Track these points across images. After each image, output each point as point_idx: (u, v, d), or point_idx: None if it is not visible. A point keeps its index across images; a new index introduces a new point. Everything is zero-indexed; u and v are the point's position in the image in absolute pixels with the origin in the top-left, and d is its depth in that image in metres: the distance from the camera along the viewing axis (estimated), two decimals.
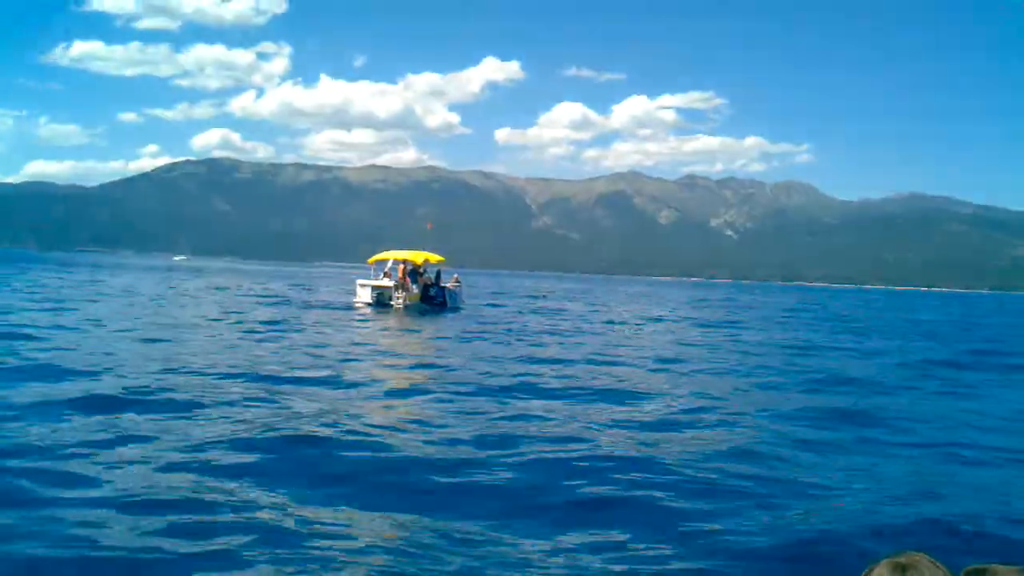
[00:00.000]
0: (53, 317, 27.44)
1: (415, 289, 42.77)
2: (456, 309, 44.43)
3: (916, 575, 2.24)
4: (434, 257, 45.02)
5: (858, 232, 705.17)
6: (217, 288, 60.04)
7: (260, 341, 23.78)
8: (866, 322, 54.76)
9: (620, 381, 18.71)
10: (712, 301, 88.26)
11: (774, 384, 19.55)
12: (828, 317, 58.56)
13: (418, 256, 43.99)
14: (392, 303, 41.87)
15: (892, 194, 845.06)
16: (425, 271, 44.61)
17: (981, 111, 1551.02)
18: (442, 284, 45.28)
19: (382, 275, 44.37)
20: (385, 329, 31.99)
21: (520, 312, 48.24)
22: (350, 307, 43.05)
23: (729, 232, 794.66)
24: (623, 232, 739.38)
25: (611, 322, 43.01)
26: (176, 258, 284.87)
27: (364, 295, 43.69)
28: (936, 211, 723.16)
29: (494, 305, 54.14)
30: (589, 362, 22.37)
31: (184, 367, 17.15)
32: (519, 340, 28.36)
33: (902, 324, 54.11)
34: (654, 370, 21.53)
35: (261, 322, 30.34)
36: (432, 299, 43.79)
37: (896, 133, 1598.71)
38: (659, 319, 48.33)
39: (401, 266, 43.17)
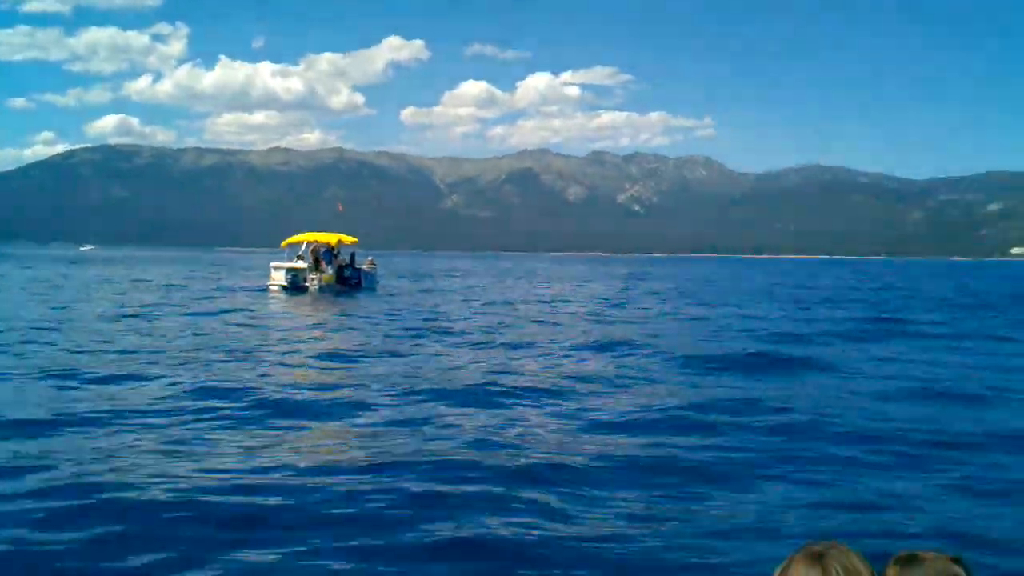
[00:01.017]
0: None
1: (330, 270, 42.94)
2: (372, 290, 44.72)
3: (832, 562, 2.25)
4: (348, 238, 45.06)
5: (761, 204, 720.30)
6: (137, 280, 58.58)
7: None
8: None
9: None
10: (611, 276, 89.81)
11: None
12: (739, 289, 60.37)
13: (332, 238, 44.07)
14: (307, 285, 41.89)
15: (793, 166, 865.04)
16: (339, 252, 44.76)
17: (877, 82, 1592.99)
18: (356, 265, 45.54)
19: (296, 258, 44.16)
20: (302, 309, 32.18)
21: (430, 291, 48.62)
22: (264, 290, 43.00)
23: (636, 207, 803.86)
24: (533, 209, 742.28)
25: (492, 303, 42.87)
26: (83, 248, 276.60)
27: (279, 277, 43.02)
28: (836, 182, 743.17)
29: (425, 289, 54.40)
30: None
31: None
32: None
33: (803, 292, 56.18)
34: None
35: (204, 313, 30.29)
36: (347, 280, 44.03)
37: (795, 106, 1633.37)
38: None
39: (314, 247, 43.27)
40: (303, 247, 44.51)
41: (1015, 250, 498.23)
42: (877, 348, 21.44)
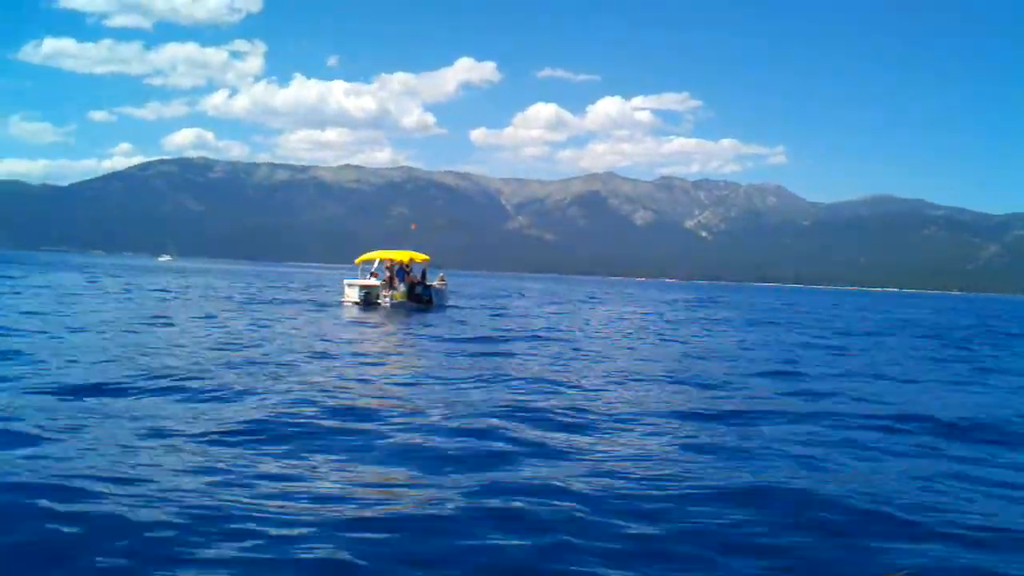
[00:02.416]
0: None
1: (402, 288, 42.92)
2: (442, 307, 44.64)
3: None
4: (420, 256, 45.16)
5: (830, 234, 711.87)
6: (238, 290, 59.39)
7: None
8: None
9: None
10: (686, 302, 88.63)
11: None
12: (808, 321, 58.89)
13: (404, 255, 44.17)
14: (379, 302, 42.07)
15: (864, 196, 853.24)
16: (411, 270, 44.78)
17: (951, 116, 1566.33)
18: (428, 283, 45.48)
19: (369, 275, 44.61)
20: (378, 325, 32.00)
21: (501, 312, 48.20)
22: (339, 305, 43.36)
23: (704, 233, 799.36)
24: (598, 232, 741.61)
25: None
26: (161, 259, 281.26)
27: (352, 294, 43.86)
28: (907, 214, 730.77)
29: (490, 308, 54.12)
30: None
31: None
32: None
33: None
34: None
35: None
36: (419, 297, 43.92)
37: (867, 136, 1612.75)
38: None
39: (388, 265, 43.35)
40: (375, 264, 44.80)
41: None
42: None
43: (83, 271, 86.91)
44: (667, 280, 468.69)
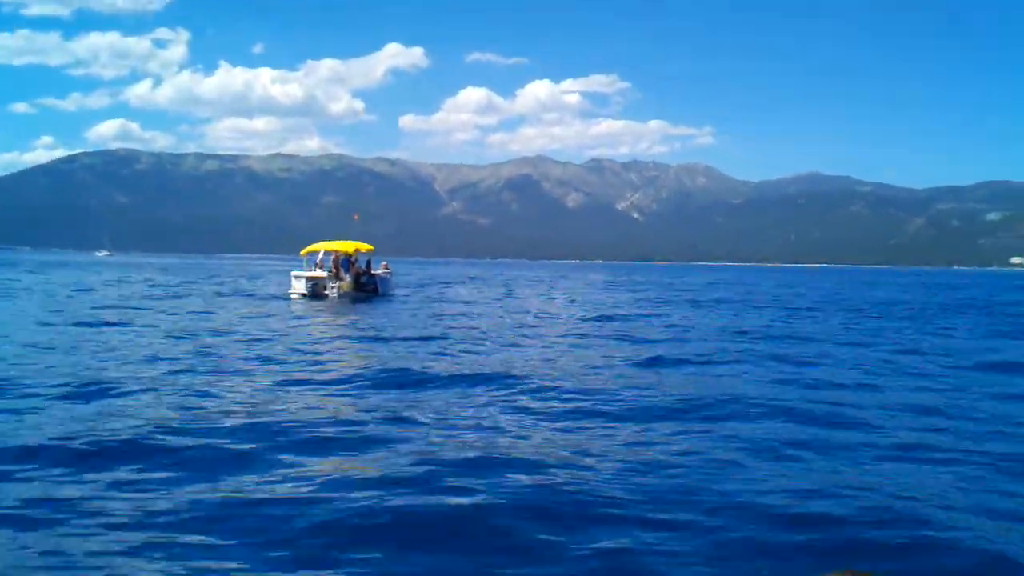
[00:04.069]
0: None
1: (348, 278, 43.43)
2: (387, 295, 45.29)
3: None
4: (364, 246, 45.59)
5: (761, 212, 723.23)
6: (183, 283, 59.15)
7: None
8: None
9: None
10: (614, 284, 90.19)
11: None
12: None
13: (349, 246, 44.61)
14: (326, 293, 42.54)
15: (792, 174, 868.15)
16: (356, 260, 45.28)
17: (877, 91, 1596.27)
18: (373, 272, 46.04)
19: (315, 266, 44.99)
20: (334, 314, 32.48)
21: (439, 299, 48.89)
22: (287, 298, 43.63)
23: (635, 214, 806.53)
24: (532, 216, 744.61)
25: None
26: (99, 253, 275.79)
27: (299, 286, 44.23)
28: (835, 190, 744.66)
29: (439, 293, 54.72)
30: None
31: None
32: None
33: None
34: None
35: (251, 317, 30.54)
36: (364, 287, 44.49)
37: (794, 114, 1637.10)
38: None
39: (333, 256, 43.79)
40: (320, 255, 45.18)
41: (1015, 260, 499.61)
42: None
43: (37, 271, 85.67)
44: (597, 262, 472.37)
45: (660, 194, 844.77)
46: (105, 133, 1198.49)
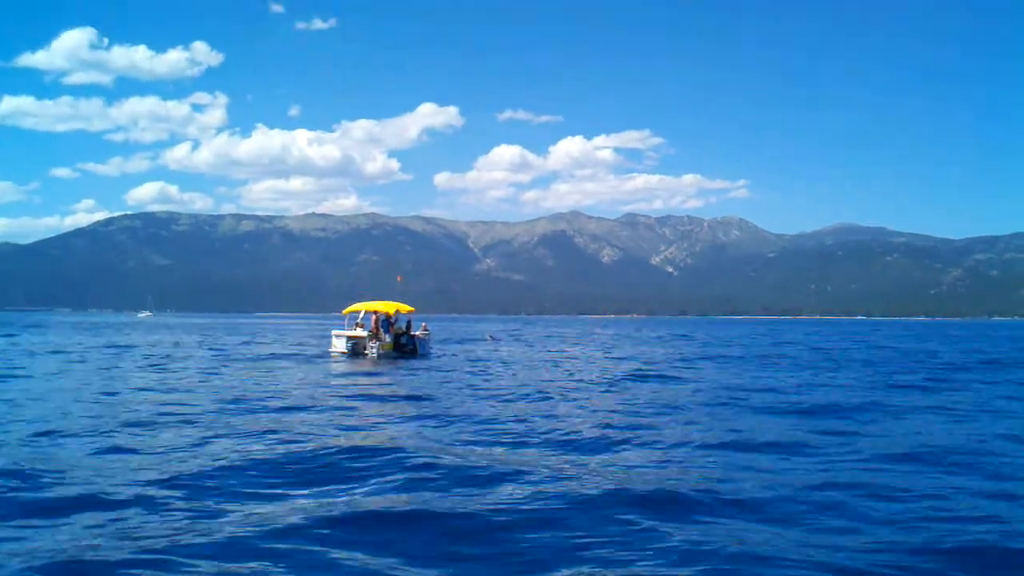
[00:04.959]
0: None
1: (387, 338, 44.18)
2: (426, 356, 45.98)
3: None
4: (404, 307, 46.40)
5: (796, 264, 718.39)
6: (244, 343, 60.30)
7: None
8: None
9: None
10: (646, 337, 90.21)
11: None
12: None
13: (390, 307, 45.47)
14: (366, 352, 43.26)
15: (827, 226, 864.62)
16: (396, 320, 46.08)
17: (910, 143, 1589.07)
18: (412, 333, 46.78)
19: (355, 325, 45.83)
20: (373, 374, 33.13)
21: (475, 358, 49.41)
22: (327, 356, 44.45)
23: (670, 268, 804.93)
24: (566, 272, 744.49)
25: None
26: (141, 314, 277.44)
27: (339, 345, 45.14)
28: (870, 242, 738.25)
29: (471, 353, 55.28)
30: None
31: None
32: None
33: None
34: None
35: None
36: (403, 347, 45.24)
37: (828, 167, 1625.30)
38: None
39: (374, 317, 44.59)
40: (361, 315, 46.04)
41: None
42: None
43: (93, 331, 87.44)
44: (633, 316, 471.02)
45: (694, 248, 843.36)
46: (144, 196, 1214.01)
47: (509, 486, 11.80)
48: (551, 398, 24.44)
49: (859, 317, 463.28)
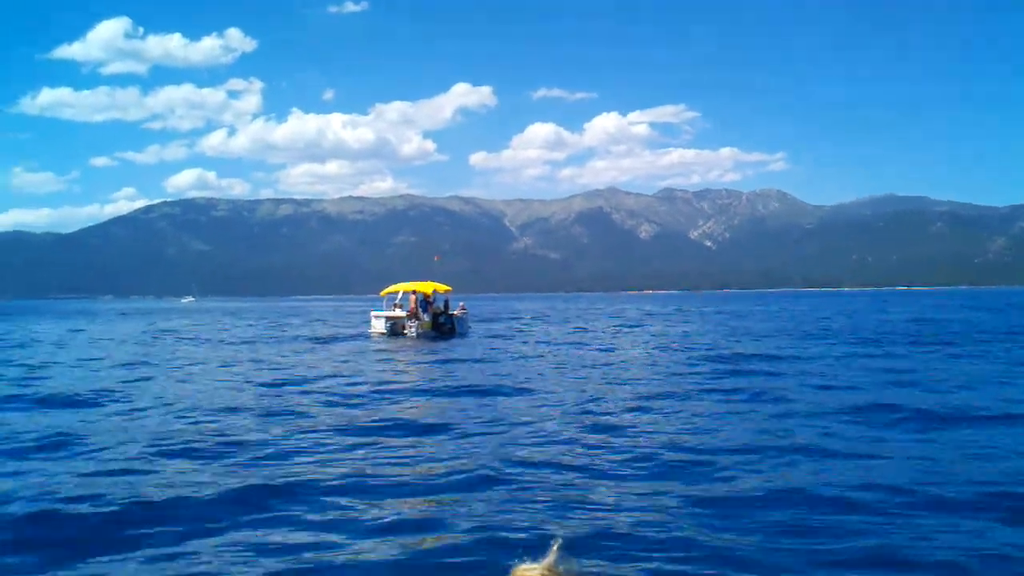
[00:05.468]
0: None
1: (426, 318, 43.95)
2: (464, 335, 45.75)
3: None
4: (442, 287, 46.33)
5: (835, 236, 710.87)
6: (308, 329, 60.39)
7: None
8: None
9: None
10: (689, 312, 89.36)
11: None
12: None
13: (427, 287, 45.33)
14: (405, 332, 43.08)
15: (866, 196, 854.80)
16: (434, 300, 45.88)
17: (949, 111, 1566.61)
18: (450, 312, 46.54)
19: (394, 306, 45.74)
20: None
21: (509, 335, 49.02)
22: (367, 336, 44.56)
23: (708, 243, 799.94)
24: (603, 248, 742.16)
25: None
26: (185, 300, 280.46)
27: (379, 325, 45.26)
28: (911, 211, 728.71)
29: (496, 333, 55.02)
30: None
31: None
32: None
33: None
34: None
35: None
36: (442, 326, 45.02)
37: (866, 136, 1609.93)
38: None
39: (412, 296, 44.35)
40: (400, 295, 45.87)
41: None
42: None
43: (134, 318, 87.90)
44: (672, 292, 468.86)
45: (733, 221, 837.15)
46: (182, 183, 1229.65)
47: None
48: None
49: (899, 287, 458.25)
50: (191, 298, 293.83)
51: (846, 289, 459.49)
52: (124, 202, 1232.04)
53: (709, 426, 14.81)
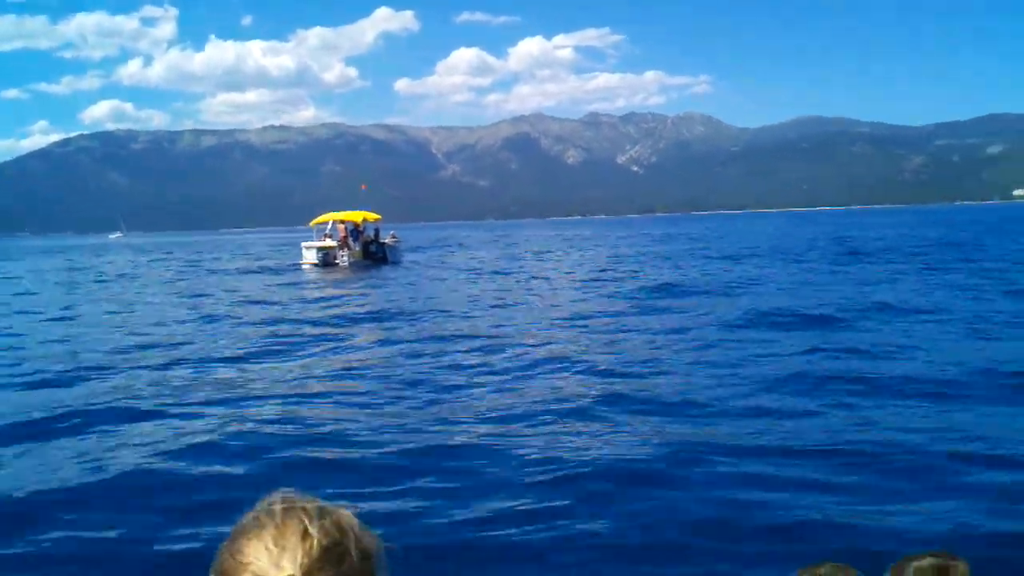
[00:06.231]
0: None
1: (357, 247, 44.67)
2: (396, 263, 46.43)
3: None
4: (372, 216, 46.76)
5: (761, 158, 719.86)
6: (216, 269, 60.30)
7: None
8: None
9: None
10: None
11: None
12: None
13: (357, 216, 45.80)
14: (337, 262, 43.69)
15: (790, 118, 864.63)
16: (364, 229, 46.48)
17: (870, 32, 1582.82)
18: (381, 240, 47.22)
19: (324, 236, 46.07)
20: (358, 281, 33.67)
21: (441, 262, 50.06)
22: (297, 267, 44.95)
23: (635, 167, 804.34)
24: (532, 174, 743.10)
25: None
26: (112, 236, 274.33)
27: (310, 256, 45.23)
28: (835, 132, 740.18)
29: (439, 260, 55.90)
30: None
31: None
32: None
33: None
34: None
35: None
36: (374, 255, 45.66)
37: (790, 58, 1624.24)
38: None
39: (341, 226, 45.00)
40: (329, 226, 46.36)
41: (1017, 192, 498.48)
42: None
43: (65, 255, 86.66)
44: (599, 217, 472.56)
45: (659, 146, 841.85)
46: (99, 115, 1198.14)
47: None
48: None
49: (823, 208, 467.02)
50: (119, 234, 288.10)
51: (769, 210, 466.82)
52: (39, 136, 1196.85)
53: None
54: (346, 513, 1.36)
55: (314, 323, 19.94)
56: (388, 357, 14.70)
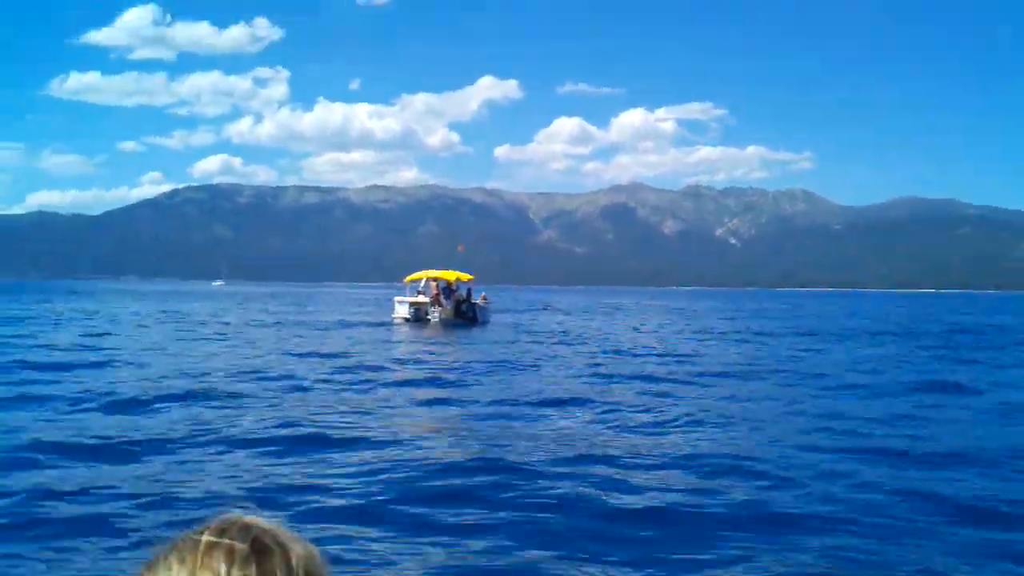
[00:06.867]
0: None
1: (448, 305, 44.31)
2: (485, 323, 46.05)
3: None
4: (464, 276, 46.81)
5: (862, 237, 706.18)
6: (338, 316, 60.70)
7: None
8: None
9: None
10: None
11: None
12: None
13: (450, 275, 45.80)
14: (428, 318, 43.49)
15: (893, 198, 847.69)
16: (457, 288, 46.24)
17: (979, 113, 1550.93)
18: (472, 301, 46.85)
19: (417, 292, 46.20)
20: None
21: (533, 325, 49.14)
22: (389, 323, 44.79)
23: (733, 240, 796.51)
24: (627, 244, 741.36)
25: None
26: (215, 283, 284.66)
27: (402, 311, 45.68)
28: (939, 214, 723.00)
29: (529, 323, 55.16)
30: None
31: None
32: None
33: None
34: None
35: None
36: (464, 314, 45.33)
37: (894, 137, 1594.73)
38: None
39: (435, 284, 44.75)
40: (423, 283, 46.29)
41: None
42: None
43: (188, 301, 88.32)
44: (696, 288, 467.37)
45: (759, 220, 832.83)
46: (208, 168, 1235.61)
47: None
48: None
49: (926, 290, 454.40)
50: (221, 282, 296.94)
51: (872, 290, 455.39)
52: (150, 186, 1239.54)
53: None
54: (300, 551, 1.14)
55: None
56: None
